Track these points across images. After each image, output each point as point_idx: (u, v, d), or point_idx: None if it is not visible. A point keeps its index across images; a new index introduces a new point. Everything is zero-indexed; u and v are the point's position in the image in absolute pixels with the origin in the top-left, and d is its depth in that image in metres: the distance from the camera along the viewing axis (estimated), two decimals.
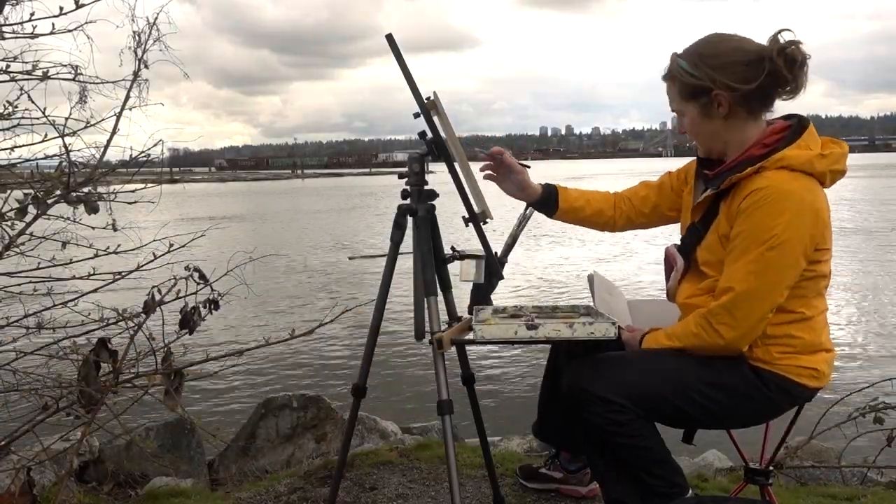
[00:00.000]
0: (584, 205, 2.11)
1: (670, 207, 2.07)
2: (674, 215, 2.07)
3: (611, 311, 1.89)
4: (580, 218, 2.13)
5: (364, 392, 2.12)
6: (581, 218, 2.13)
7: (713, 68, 1.69)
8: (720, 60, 1.69)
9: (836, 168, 1.70)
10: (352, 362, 6.66)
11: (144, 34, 2.09)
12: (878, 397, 3.02)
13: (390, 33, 1.88)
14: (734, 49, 1.70)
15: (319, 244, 17.65)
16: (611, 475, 1.77)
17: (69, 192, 1.99)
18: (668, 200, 2.07)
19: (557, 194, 2.10)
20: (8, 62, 2.08)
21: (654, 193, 2.09)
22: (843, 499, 2.57)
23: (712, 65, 1.69)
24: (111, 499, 2.74)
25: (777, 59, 1.65)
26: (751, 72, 1.67)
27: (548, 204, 2.10)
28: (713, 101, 1.71)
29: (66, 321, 2.25)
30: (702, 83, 1.70)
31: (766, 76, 1.66)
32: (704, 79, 1.70)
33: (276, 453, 3.39)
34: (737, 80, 1.67)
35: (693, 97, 1.75)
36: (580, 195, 2.12)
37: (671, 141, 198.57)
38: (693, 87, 1.73)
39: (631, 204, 2.12)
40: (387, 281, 2.06)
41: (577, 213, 2.11)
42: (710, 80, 1.69)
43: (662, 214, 2.10)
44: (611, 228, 2.15)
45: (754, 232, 1.62)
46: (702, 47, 1.73)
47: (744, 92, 1.68)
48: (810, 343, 1.72)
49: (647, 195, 2.10)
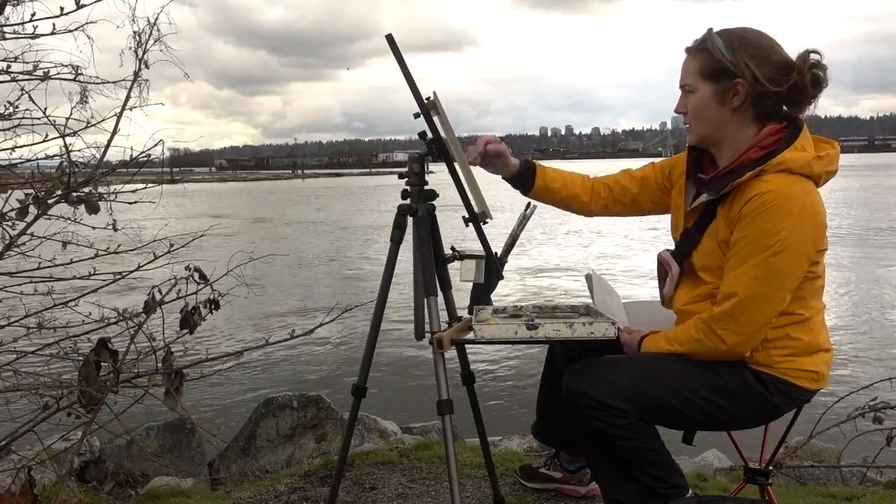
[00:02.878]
0: (559, 187, 2.09)
1: (650, 201, 2.05)
2: (652, 209, 2.06)
3: (610, 311, 1.89)
4: (555, 199, 2.11)
5: (364, 392, 2.12)
6: (556, 199, 2.11)
7: (750, 57, 1.67)
8: (758, 52, 1.68)
9: (830, 169, 1.71)
10: (352, 362, 6.66)
11: (145, 34, 2.09)
12: (878, 397, 3.02)
13: (390, 33, 1.88)
14: (771, 48, 1.70)
15: (320, 246, 17.65)
16: (611, 476, 1.77)
17: (70, 192, 1.99)
18: (649, 194, 2.04)
19: (535, 172, 2.08)
20: (9, 62, 2.08)
21: (635, 186, 2.06)
22: (843, 498, 2.57)
23: (750, 53, 1.68)
24: (111, 499, 2.74)
25: (806, 73, 1.66)
26: (780, 76, 1.67)
27: (524, 181, 2.08)
28: (731, 88, 1.70)
29: (67, 321, 2.25)
30: (731, 67, 1.68)
31: (790, 86, 1.66)
32: (737, 63, 1.68)
33: (276, 453, 3.39)
34: (766, 77, 1.67)
35: (714, 78, 1.72)
36: (558, 176, 2.10)
37: (671, 141, 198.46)
38: (719, 68, 1.70)
39: (610, 192, 2.09)
40: (387, 281, 2.06)
41: (553, 194, 2.09)
42: (740, 66, 1.67)
43: (641, 207, 2.08)
44: (586, 214, 2.14)
45: (757, 237, 1.62)
46: (743, 33, 1.72)
47: (764, 91, 1.68)
48: (809, 344, 1.73)
49: (628, 186, 2.07)
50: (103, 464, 2.98)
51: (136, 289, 2.30)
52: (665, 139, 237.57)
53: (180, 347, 2.19)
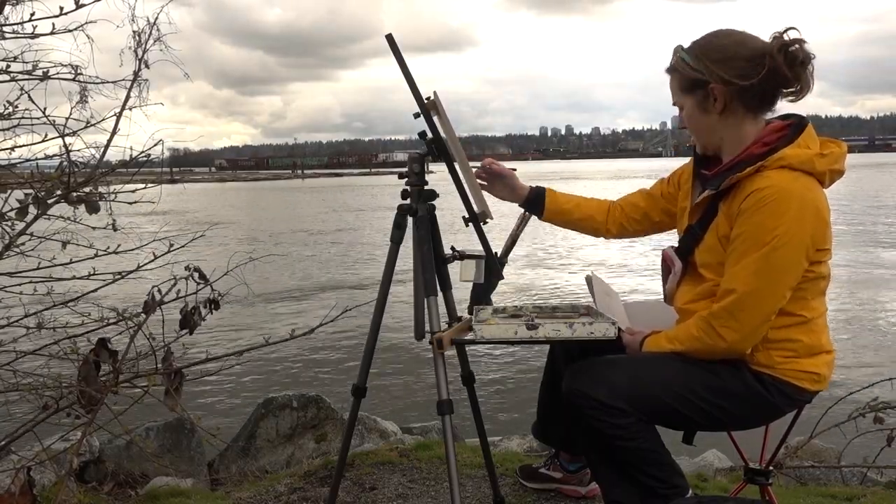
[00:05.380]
0: (572, 209, 2.15)
1: (660, 213, 2.08)
2: (665, 221, 2.08)
3: (610, 312, 1.89)
4: (568, 221, 2.17)
5: (364, 392, 2.12)
6: (569, 221, 2.17)
7: (712, 61, 1.69)
8: (721, 54, 1.69)
9: (835, 168, 1.69)
10: (352, 362, 6.65)
11: (145, 34, 2.08)
12: (878, 397, 3.02)
13: (390, 34, 1.88)
14: (736, 44, 1.69)
15: (320, 247, 17.64)
16: (611, 477, 1.77)
17: (70, 192, 1.99)
18: (658, 206, 2.08)
19: (544, 197, 2.14)
20: (8, 62, 2.08)
21: (644, 201, 2.11)
22: (843, 499, 2.57)
23: (712, 58, 1.69)
24: (111, 499, 2.74)
25: (777, 55, 1.65)
26: (751, 68, 1.66)
27: (535, 205, 2.16)
28: (709, 94, 1.71)
29: (66, 321, 2.25)
30: (699, 76, 1.71)
31: (766, 73, 1.65)
32: (702, 71, 1.70)
33: (276, 453, 3.39)
34: (734, 76, 1.67)
35: (691, 90, 1.75)
36: (569, 199, 2.16)
37: (671, 141, 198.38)
38: (691, 80, 1.73)
39: (623, 211, 2.14)
40: (387, 281, 2.06)
41: (565, 215, 2.16)
42: (707, 72, 1.69)
43: (652, 221, 2.11)
44: (603, 234, 2.18)
45: (756, 233, 1.62)
46: (705, 41, 1.74)
47: (740, 87, 1.68)
48: (811, 345, 1.72)
49: (638, 203, 2.12)
50: (103, 464, 2.98)
51: (136, 289, 2.29)
52: (665, 139, 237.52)
53: (180, 347, 2.18)
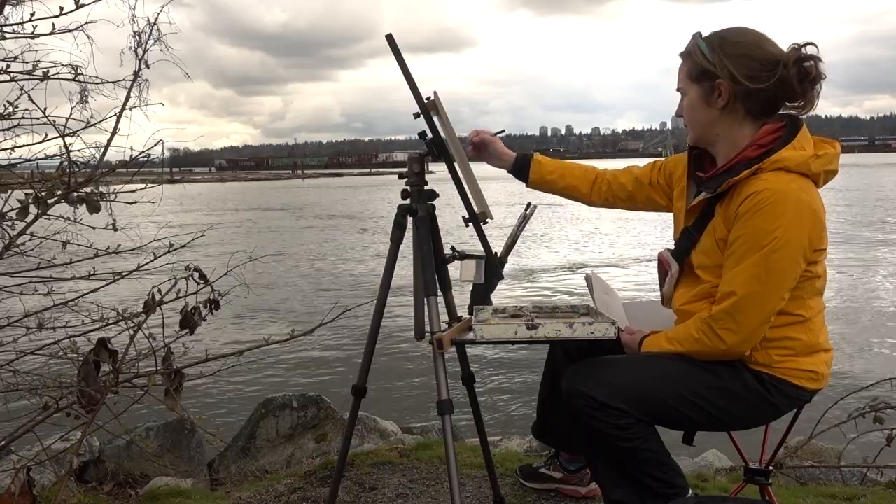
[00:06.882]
0: (556, 178, 2.16)
1: (644, 199, 2.10)
2: (647, 206, 2.11)
3: (610, 312, 1.90)
4: (553, 189, 2.19)
5: (364, 392, 2.12)
6: (554, 189, 2.19)
7: (727, 56, 1.68)
8: (737, 51, 1.69)
9: (829, 168, 1.70)
10: (352, 362, 6.66)
11: (145, 34, 2.08)
12: (878, 397, 3.02)
13: (390, 34, 1.88)
14: (755, 45, 1.69)
15: (321, 246, 17.64)
16: (611, 477, 1.77)
17: (70, 191, 1.99)
18: (644, 192, 2.09)
19: (530, 165, 2.16)
20: (8, 62, 2.08)
21: (632, 184, 2.11)
22: (843, 499, 2.57)
23: (728, 53, 1.69)
24: (111, 499, 2.74)
25: (791, 67, 1.66)
26: (762, 72, 1.67)
27: (521, 173, 2.18)
28: (715, 88, 1.71)
29: (66, 321, 2.25)
30: (710, 67, 1.70)
31: (775, 81, 1.66)
32: (715, 64, 1.69)
33: (276, 453, 3.39)
34: (744, 76, 1.67)
35: (698, 79, 1.75)
36: (555, 168, 2.16)
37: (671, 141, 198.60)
38: (701, 69, 1.73)
39: (609, 187, 2.14)
40: (387, 281, 2.06)
41: (549, 185, 2.18)
42: (719, 66, 1.69)
43: (635, 202, 2.13)
44: (587, 203, 2.21)
45: (754, 235, 1.62)
46: (725, 33, 1.73)
47: (747, 89, 1.68)
48: (809, 344, 1.72)
49: (625, 184, 2.12)
50: (103, 464, 2.98)
51: (136, 289, 2.29)
52: (665, 139, 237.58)
53: (180, 347, 2.18)
